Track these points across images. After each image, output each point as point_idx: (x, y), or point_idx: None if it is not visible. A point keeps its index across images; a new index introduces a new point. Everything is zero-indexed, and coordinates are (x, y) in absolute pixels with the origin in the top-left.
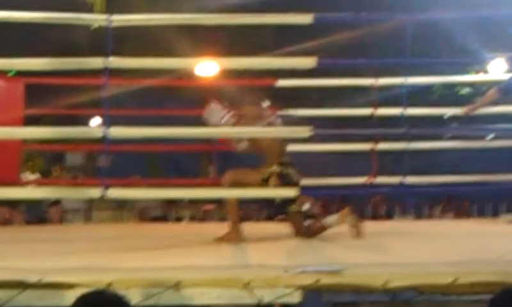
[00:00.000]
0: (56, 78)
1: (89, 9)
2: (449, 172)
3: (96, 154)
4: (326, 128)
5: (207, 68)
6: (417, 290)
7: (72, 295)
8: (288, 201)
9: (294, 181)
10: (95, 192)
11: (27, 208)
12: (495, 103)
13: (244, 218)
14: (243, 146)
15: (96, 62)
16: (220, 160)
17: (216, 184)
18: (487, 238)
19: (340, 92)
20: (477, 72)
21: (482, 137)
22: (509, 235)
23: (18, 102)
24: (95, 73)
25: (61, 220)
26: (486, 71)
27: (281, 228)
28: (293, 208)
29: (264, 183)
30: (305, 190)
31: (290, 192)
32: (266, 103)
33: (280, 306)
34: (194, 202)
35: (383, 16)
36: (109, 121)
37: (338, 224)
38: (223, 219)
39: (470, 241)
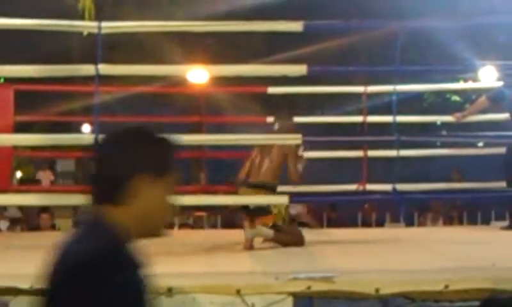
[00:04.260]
0: (46, 85)
1: (80, 16)
2: (440, 179)
3: (88, 161)
4: (316, 136)
5: (198, 75)
6: (409, 296)
7: None
8: None
9: None
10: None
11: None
12: (485, 111)
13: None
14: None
15: (87, 69)
16: (211, 167)
17: (206, 191)
18: (478, 246)
19: (331, 99)
20: (467, 80)
21: (472, 145)
22: (499, 242)
23: (9, 109)
24: (85, 80)
25: (53, 227)
26: (476, 79)
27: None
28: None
29: None
30: (296, 197)
31: (283, 200)
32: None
33: None
34: (184, 209)
35: (374, 24)
36: (99, 128)
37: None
38: (213, 225)
39: (461, 248)
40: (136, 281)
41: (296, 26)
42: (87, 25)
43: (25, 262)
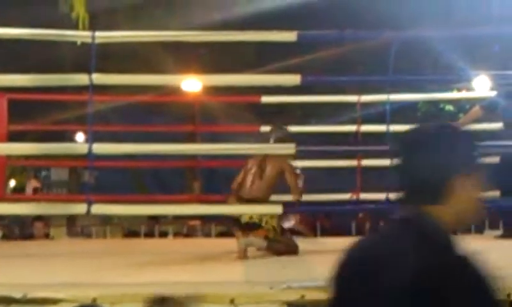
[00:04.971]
0: (40, 94)
1: (74, 25)
2: None
3: (81, 170)
4: (310, 145)
5: (192, 84)
6: None
7: None
8: None
9: None
10: (79, 208)
11: (11, 223)
12: (479, 120)
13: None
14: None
15: (80, 78)
16: (205, 176)
17: (200, 200)
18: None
19: (325, 109)
20: (461, 90)
21: None
22: (494, 251)
23: (2, 118)
24: (79, 89)
25: (47, 235)
26: (470, 89)
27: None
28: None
29: None
30: (290, 206)
31: (277, 209)
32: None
33: None
34: (178, 218)
35: (367, 34)
36: (93, 137)
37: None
38: (207, 234)
39: None
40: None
41: (289, 36)
42: (81, 35)
43: (18, 271)
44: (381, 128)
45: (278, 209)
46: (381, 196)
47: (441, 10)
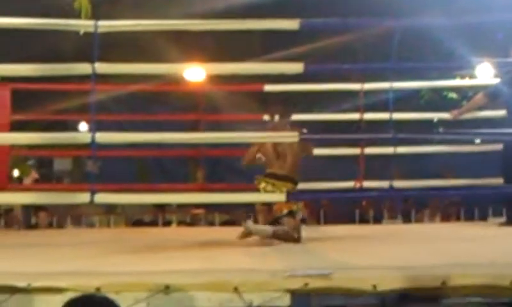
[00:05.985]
0: (43, 84)
1: (76, 15)
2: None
3: (84, 159)
4: (313, 133)
5: (195, 73)
6: (406, 293)
7: (61, 300)
8: None
9: None
10: (83, 197)
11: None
12: (482, 108)
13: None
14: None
15: (83, 67)
16: (208, 165)
17: (203, 189)
18: (476, 242)
19: (328, 97)
20: (464, 77)
21: (469, 142)
22: (497, 238)
23: (5, 108)
24: (82, 78)
25: (50, 225)
26: (473, 76)
27: None
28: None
29: None
30: (293, 194)
31: (280, 197)
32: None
33: None
34: (182, 206)
35: (370, 21)
36: (96, 127)
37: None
38: (210, 223)
39: (458, 244)
40: None
41: (292, 24)
42: (83, 24)
43: (23, 260)
44: (384, 116)
45: (281, 197)
46: (384, 183)
47: None
